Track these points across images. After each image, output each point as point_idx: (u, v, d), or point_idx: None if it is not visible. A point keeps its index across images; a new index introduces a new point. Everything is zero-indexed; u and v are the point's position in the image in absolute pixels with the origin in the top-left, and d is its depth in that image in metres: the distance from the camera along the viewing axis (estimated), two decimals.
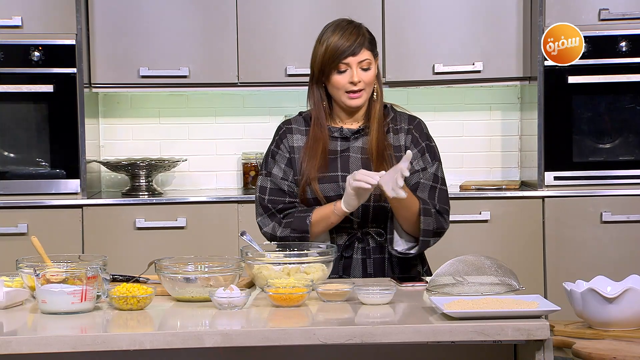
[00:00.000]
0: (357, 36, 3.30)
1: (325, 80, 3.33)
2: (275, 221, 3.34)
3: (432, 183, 3.35)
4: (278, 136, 3.43)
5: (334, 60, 3.28)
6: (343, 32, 3.30)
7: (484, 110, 5.47)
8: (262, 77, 5.13)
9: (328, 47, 3.29)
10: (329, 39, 3.30)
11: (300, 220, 3.28)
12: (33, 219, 4.91)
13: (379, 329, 2.52)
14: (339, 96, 3.33)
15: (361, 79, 3.30)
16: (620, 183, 4.98)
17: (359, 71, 3.30)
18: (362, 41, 3.30)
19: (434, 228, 3.29)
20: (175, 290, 2.87)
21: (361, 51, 3.30)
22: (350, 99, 3.32)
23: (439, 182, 3.37)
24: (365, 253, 3.35)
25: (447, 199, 3.38)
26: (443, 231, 3.34)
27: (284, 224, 3.32)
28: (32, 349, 2.47)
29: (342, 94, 3.31)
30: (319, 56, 3.31)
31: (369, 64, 3.31)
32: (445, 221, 3.34)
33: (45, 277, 2.71)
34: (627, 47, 4.93)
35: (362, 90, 3.31)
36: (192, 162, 5.45)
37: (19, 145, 4.98)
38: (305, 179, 3.32)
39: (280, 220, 3.33)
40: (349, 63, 3.29)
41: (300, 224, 3.28)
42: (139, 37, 5.10)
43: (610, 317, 2.88)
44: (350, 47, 3.28)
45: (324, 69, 3.31)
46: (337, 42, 3.28)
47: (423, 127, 3.43)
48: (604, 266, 4.79)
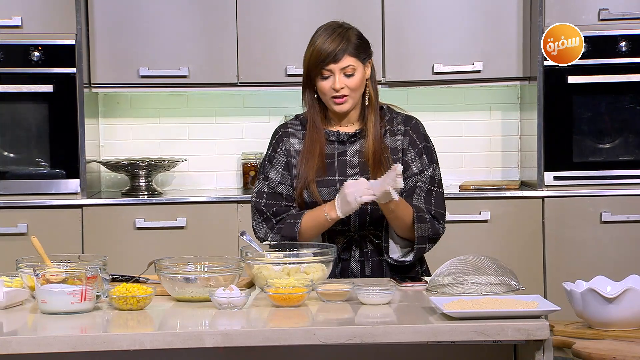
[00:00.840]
0: (340, 42, 3.27)
1: (314, 84, 3.33)
2: (268, 227, 3.33)
3: (428, 186, 3.34)
4: (275, 140, 3.42)
5: (316, 66, 3.28)
6: (328, 36, 3.28)
7: (483, 110, 5.47)
8: (262, 77, 5.13)
9: (313, 52, 3.29)
10: (315, 42, 3.29)
11: (290, 227, 3.28)
12: (33, 219, 4.91)
13: (379, 329, 2.52)
14: (326, 101, 3.33)
15: (344, 85, 3.28)
16: (620, 183, 4.98)
17: (341, 77, 3.28)
18: (345, 47, 3.27)
19: (429, 235, 3.28)
20: (175, 290, 2.87)
21: (343, 57, 3.27)
22: (335, 104, 3.31)
23: (435, 184, 3.36)
24: (363, 256, 3.34)
25: (443, 203, 3.37)
26: (439, 236, 3.34)
27: (275, 229, 3.32)
28: (32, 349, 2.47)
29: (328, 99, 3.32)
30: (306, 60, 3.31)
31: (353, 69, 3.29)
32: (441, 226, 3.34)
33: (45, 277, 2.71)
34: (627, 47, 4.93)
35: (347, 96, 3.30)
36: (192, 162, 5.45)
37: (19, 145, 4.98)
38: (303, 181, 3.32)
39: (273, 225, 3.33)
40: (332, 69, 3.28)
41: (289, 230, 3.28)
42: (139, 37, 5.10)
43: (610, 317, 2.88)
44: (332, 53, 3.26)
45: (309, 73, 3.31)
46: (320, 47, 3.27)
47: (420, 127, 3.42)
48: (603, 266, 4.79)
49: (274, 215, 3.33)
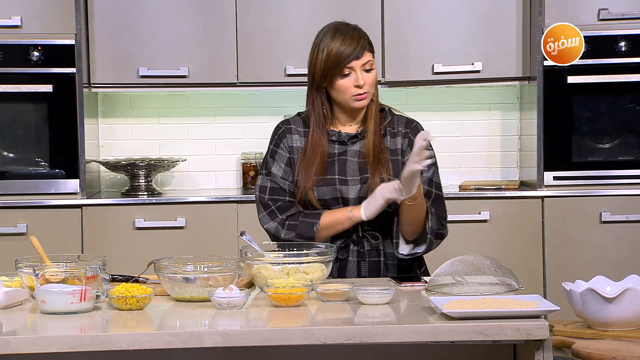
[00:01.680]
0: (359, 39, 3.32)
1: (327, 85, 3.33)
2: (277, 222, 3.33)
3: (427, 187, 3.34)
4: (277, 136, 3.43)
5: (338, 65, 3.29)
6: (344, 36, 3.31)
7: (483, 110, 5.47)
8: (262, 77, 5.13)
9: (330, 53, 3.29)
10: (330, 44, 3.30)
11: (307, 226, 3.29)
12: (32, 219, 4.91)
13: (378, 329, 2.52)
14: (345, 99, 3.33)
15: (366, 81, 3.31)
16: (620, 183, 4.98)
17: (363, 73, 3.31)
18: (364, 44, 3.32)
19: (436, 228, 3.29)
20: (175, 290, 2.87)
21: (364, 54, 3.31)
22: (357, 100, 3.33)
23: (434, 187, 3.36)
24: (360, 256, 3.35)
25: (443, 206, 3.37)
26: (443, 235, 3.34)
27: (287, 226, 3.32)
28: (32, 349, 2.47)
29: (348, 97, 3.32)
30: (321, 62, 3.31)
31: (371, 64, 3.33)
32: (443, 227, 3.34)
33: (45, 277, 2.71)
34: (626, 47, 4.93)
35: (367, 92, 3.33)
36: (191, 162, 5.45)
37: (19, 145, 4.98)
38: (302, 187, 3.33)
39: (284, 221, 3.33)
40: (353, 67, 3.30)
41: (306, 229, 3.28)
42: (139, 37, 5.10)
43: (609, 317, 2.88)
44: (354, 51, 3.29)
45: (326, 74, 3.31)
46: (339, 48, 3.29)
47: (420, 130, 3.42)
48: (603, 266, 4.79)
49: (280, 210, 3.34)
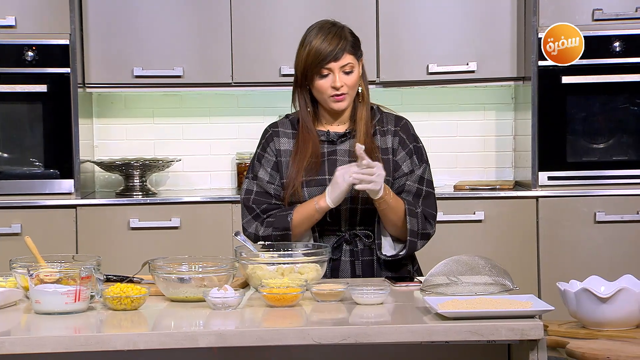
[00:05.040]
0: (339, 41, 3.29)
1: (309, 84, 3.33)
2: (258, 221, 3.34)
3: (418, 185, 3.34)
4: (264, 139, 3.43)
5: (316, 65, 3.28)
6: (325, 36, 3.29)
7: (478, 111, 5.48)
8: (256, 77, 5.13)
9: (310, 51, 3.29)
10: (312, 42, 3.29)
11: (282, 219, 3.28)
12: (26, 219, 4.90)
13: (373, 329, 2.52)
14: (323, 100, 3.33)
15: (344, 83, 3.29)
16: (614, 183, 4.98)
17: (341, 75, 3.29)
18: (344, 46, 3.29)
19: (419, 229, 3.28)
20: (169, 291, 2.87)
21: (343, 56, 3.29)
22: (335, 102, 3.32)
23: (425, 184, 3.36)
24: (354, 255, 3.35)
25: (434, 204, 3.37)
26: (429, 234, 3.33)
27: (265, 223, 3.32)
28: (26, 349, 2.46)
29: (326, 97, 3.32)
30: (302, 60, 3.31)
31: (351, 67, 3.31)
32: (431, 226, 3.33)
33: (39, 277, 2.71)
34: (620, 47, 4.94)
35: (346, 94, 3.31)
36: (186, 162, 5.45)
37: (13, 145, 4.97)
38: (292, 184, 3.32)
39: (263, 220, 3.33)
40: (331, 68, 3.29)
41: (281, 222, 3.28)
42: (133, 37, 5.10)
43: (603, 317, 2.88)
44: (332, 52, 3.27)
45: (306, 73, 3.31)
46: (319, 47, 3.28)
47: (410, 128, 3.42)
48: (597, 266, 4.80)
49: (264, 212, 3.34)
